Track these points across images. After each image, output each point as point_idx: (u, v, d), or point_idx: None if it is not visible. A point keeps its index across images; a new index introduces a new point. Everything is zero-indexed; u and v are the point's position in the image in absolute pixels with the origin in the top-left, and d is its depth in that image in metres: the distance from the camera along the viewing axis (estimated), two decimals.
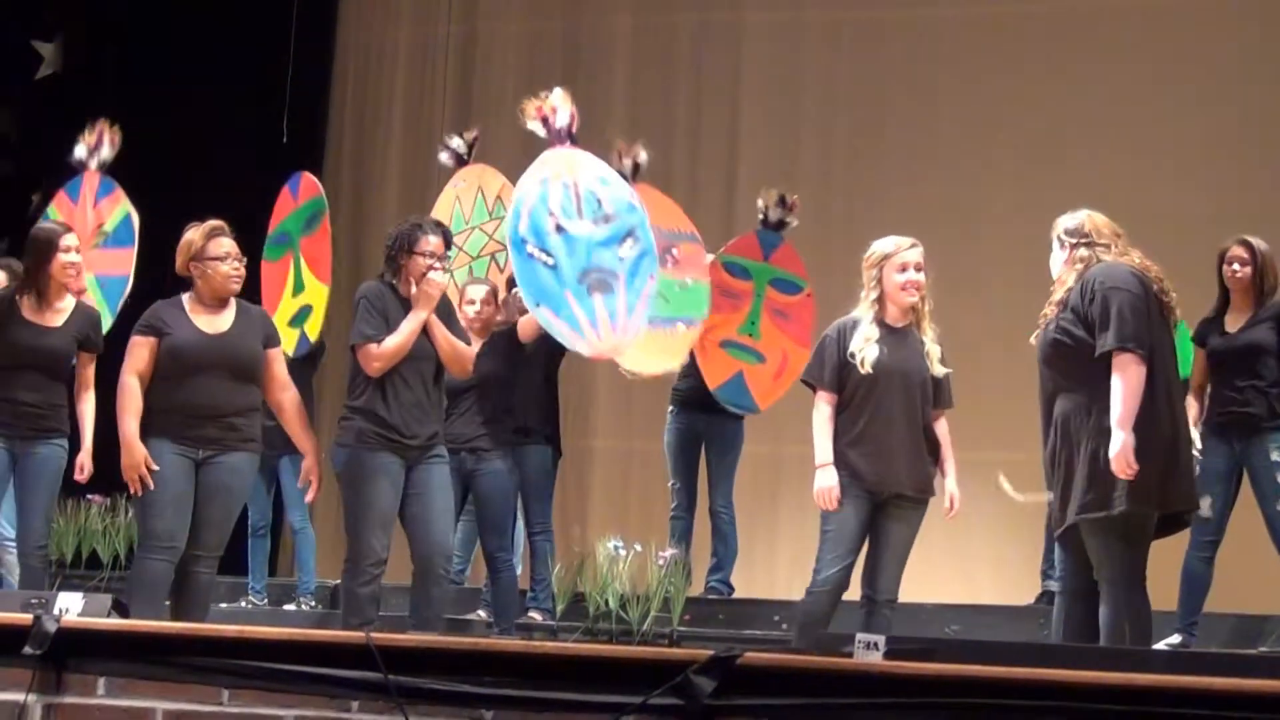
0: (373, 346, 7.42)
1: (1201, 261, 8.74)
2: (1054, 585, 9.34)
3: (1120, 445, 6.12)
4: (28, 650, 4.62)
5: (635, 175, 9.23)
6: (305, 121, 13.52)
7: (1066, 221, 6.66)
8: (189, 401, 7.24)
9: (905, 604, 9.27)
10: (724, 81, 13.40)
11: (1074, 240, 6.58)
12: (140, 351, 7.30)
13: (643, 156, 9.30)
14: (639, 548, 9.25)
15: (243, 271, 7.44)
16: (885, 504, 7.27)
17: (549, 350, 9.01)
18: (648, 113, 13.54)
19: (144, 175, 12.89)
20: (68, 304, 8.04)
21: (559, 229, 8.07)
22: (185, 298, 7.42)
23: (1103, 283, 6.34)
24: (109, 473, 7.59)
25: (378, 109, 14.23)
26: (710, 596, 9.74)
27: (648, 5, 13.68)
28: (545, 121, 8.38)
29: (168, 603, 7.36)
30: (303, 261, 9.71)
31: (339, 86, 14.22)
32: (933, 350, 7.35)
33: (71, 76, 13.07)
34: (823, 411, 7.35)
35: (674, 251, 8.90)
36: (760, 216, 9.98)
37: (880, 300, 7.31)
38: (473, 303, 8.90)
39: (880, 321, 7.30)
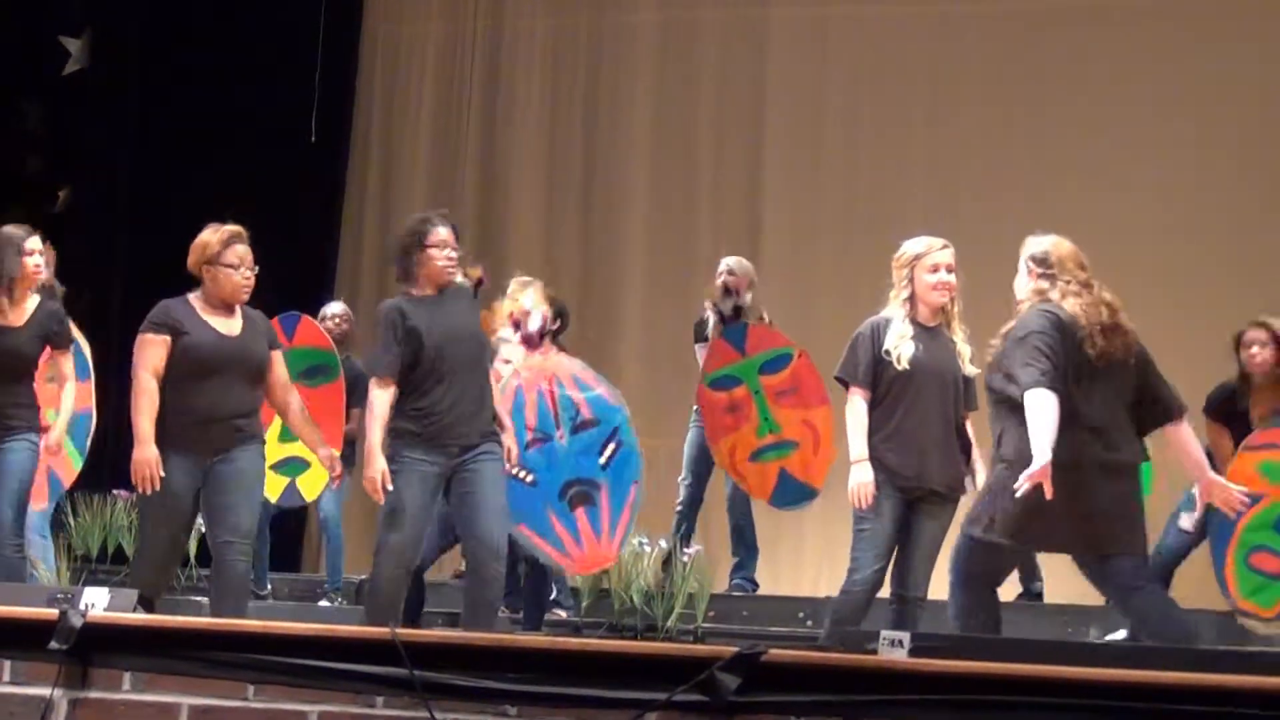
0: (378, 384, 7.39)
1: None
2: (1036, 586, 9.44)
3: (1036, 464, 6.14)
4: (53, 645, 4.62)
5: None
6: (331, 118, 13.53)
7: (1033, 247, 6.69)
8: (202, 404, 7.20)
9: (931, 601, 9.31)
10: (749, 77, 13.39)
11: (1040, 270, 6.61)
12: (158, 350, 7.22)
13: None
14: (664, 544, 9.26)
15: (253, 281, 7.38)
16: (917, 501, 7.24)
17: None
18: (672, 108, 13.54)
19: (169, 171, 12.98)
20: (30, 304, 8.05)
21: (536, 443, 8.24)
22: (193, 298, 7.37)
23: (1019, 334, 6.43)
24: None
25: (405, 105, 14.23)
26: (735, 594, 9.74)
27: (673, 1, 13.68)
28: (517, 325, 8.38)
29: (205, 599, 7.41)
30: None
31: (365, 83, 14.23)
32: (964, 350, 7.31)
33: (99, 72, 13.09)
34: (857, 408, 7.30)
35: None
36: (711, 316, 9.85)
37: (911, 300, 7.28)
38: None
39: (913, 320, 7.27)
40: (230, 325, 7.34)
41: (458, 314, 7.60)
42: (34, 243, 8.14)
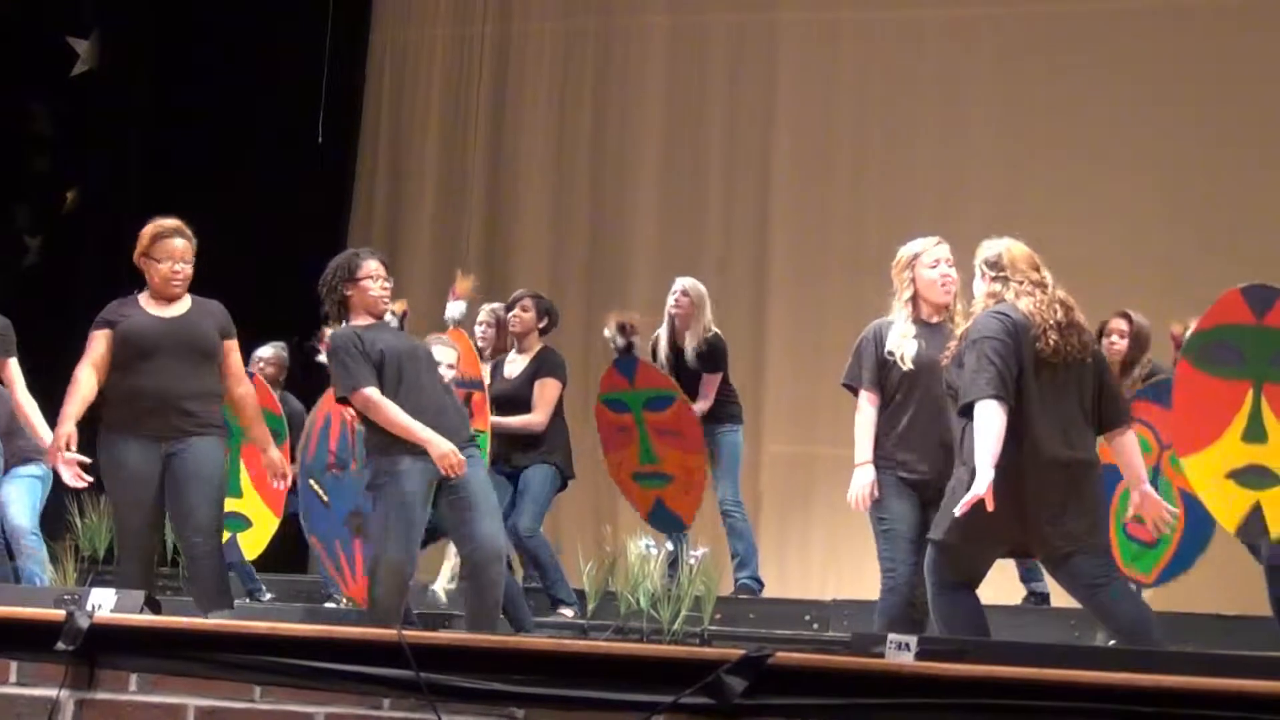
0: (371, 392, 7.41)
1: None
2: (1038, 587, 9.43)
3: (978, 482, 6.19)
4: (60, 646, 4.63)
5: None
6: (339, 119, 13.55)
7: (986, 252, 6.71)
8: (146, 386, 7.23)
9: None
10: (758, 81, 13.39)
11: (992, 274, 6.65)
12: (97, 344, 7.32)
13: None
14: (670, 546, 9.26)
15: (184, 274, 7.39)
16: (930, 502, 7.19)
17: None
18: (682, 112, 13.55)
19: (177, 173, 12.99)
20: None
21: (332, 467, 8.51)
22: (140, 294, 7.47)
23: (972, 338, 6.47)
24: None
25: (413, 108, 14.25)
26: (741, 596, 9.74)
27: (683, 5, 13.69)
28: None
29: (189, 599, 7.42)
30: (243, 469, 9.27)
31: (373, 85, 14.25)
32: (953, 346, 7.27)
33: (107, 73, 13.10)
34: (866, 413, 7.26)
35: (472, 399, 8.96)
36: (611, 347, 9.95)
37: (914, 299, 7.27)
38: (480, 324, 8.96)
39: (915, 320, 7.26)
40: (172, 310, 7.40)
41: (400, 335, 7.80)
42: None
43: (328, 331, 7.83)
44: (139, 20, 13.45)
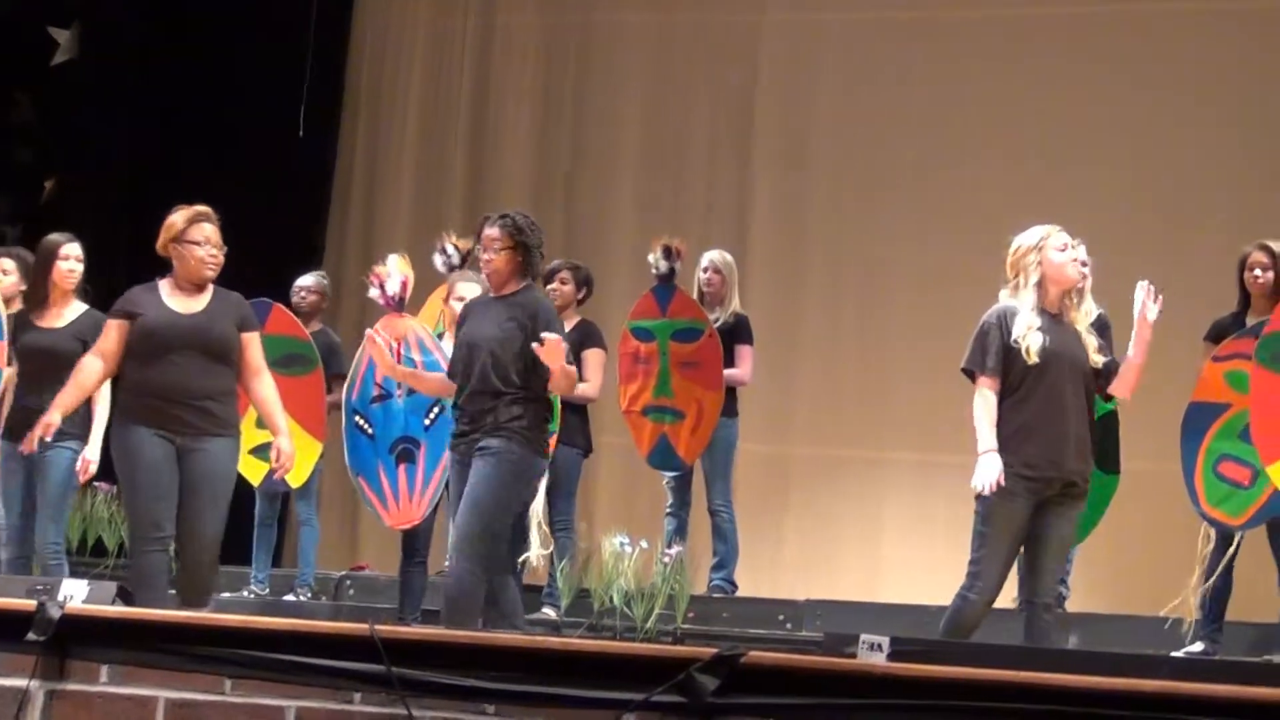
0: None
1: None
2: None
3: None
4: (31, 637, 4.63)
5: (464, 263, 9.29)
6: (321, 111, 13.53)
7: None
8: (162, 383, 7.20)
9: (911, 606, 9.31)
10: (740, 79, 13.38)
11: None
12: (111, 333, 7.32)
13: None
14: (645, 544, 9.25)
15: (220, 259, 7.39)
16: (1047, 501, 6.96)
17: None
18: (663, 109, 13.54)
19: (158, 162, 12.97)
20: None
21: (379, 398, 8.52)
22: (162, 281, 7.42)
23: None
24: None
25: (394, 99, 14.21)
26: (715, 595, 9.74)
27: (665, 3, 13.68)
28: (382, 287, 8.50)
29: (172, 591, 7.36)
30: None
31: (354, 78, 14.22)
32: (1090, 340, 7.14)
33: (88, 63, 13.07)
34: (986, 398, 7.01)
35: None
36: (653, 271, 9.89)
37: (1040, 284, 7.13)
38: (461, 299, 8.82)
39: (1041, 309, 7.13)
40: (192, 305, 7.35)
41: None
42: (71, 248, 8.41)
43: None
44: (121, 11, 13.42)
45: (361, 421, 8.60)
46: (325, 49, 13.51)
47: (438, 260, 9.47)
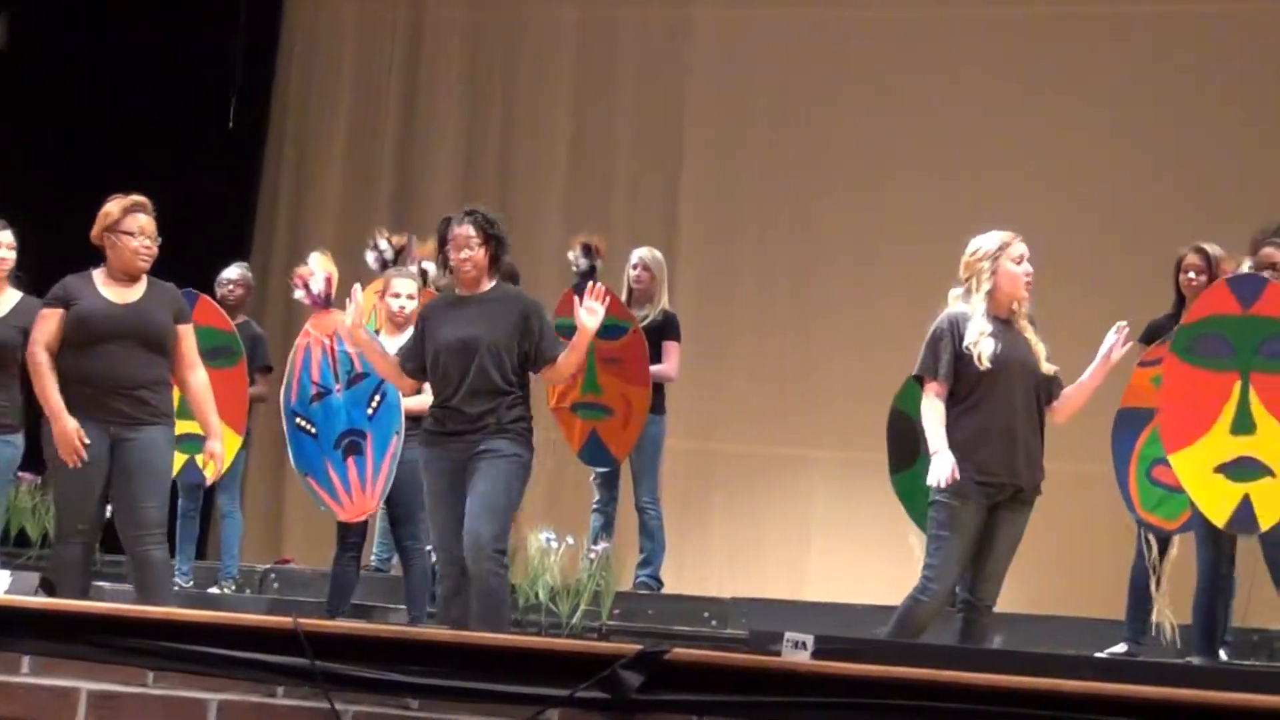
0: None
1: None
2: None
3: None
4: None
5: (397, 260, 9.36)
6: (251, 101, 13.48)
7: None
8: (98, 371, 7.20)
9: (836, 604, 9.35)
10: (670, 76, 13.39)
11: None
12: (48, 323, 7.29)
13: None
14: (571, 540, 9.24)
15: (153, 250, 7.38)
16: (998, 505, 7.04)
17: None
18: (591, 105, 13.54)
19: (88, 155, 12.87)
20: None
21: (317, 396, 8.54)
22: (96, 271, 7.41)
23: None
24: (38, 450, 7.54)
25: (324, 90, 14.17)
26: (640, 592, 9.74)
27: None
28: (306, 287, 8.54)
29: (105, 583, 7.35)
30: None
31: (283, 69, 14.17)
32: (1040, 348, 7.18)
33: (16, 54, 12.96)
34: (934, 404, 7.08)
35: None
36: (573, 269, 9.90)
37: (992, 293, 7.17)
38: (397, 295, 8.76)
39: (992, 316, 7.16)
40: (128, 295, 7.35)
41: None
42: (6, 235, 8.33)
43: None
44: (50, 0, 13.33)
45: (303, 422, 8.60)
46: (256, 42, 13.48)
47: (370, 257, 9.46)
